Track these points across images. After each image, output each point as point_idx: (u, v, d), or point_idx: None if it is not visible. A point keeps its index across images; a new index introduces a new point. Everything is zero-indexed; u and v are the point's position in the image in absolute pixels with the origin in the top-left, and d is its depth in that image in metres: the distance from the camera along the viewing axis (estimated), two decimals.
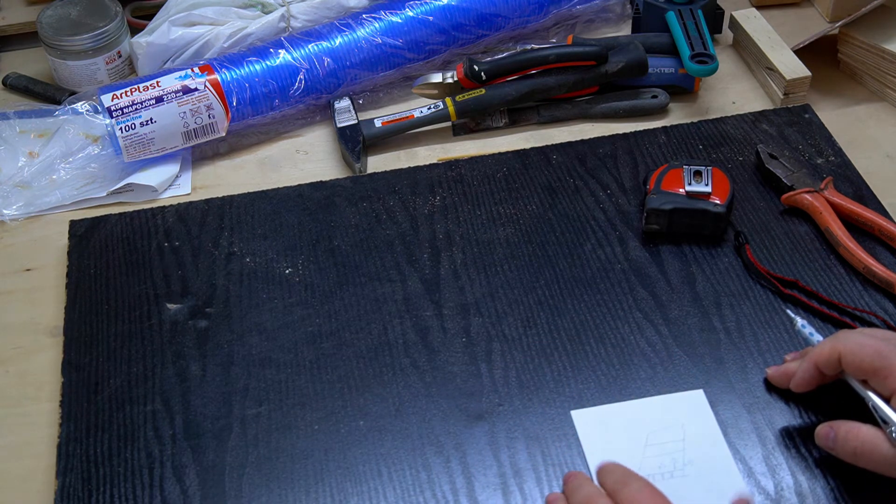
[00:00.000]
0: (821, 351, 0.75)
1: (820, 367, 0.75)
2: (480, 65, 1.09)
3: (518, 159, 1.03)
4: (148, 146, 1.03)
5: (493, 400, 0.82)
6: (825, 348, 0.74)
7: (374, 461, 0.78)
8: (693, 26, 1.10)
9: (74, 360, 0.86)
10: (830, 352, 0.74)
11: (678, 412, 0.79)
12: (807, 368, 0.75)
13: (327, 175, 1.04)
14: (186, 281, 0.92)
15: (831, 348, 0.74)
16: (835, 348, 0.74)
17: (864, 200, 0.96)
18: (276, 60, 1.07)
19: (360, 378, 0.84)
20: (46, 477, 0.80)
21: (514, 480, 0.76)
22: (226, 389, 0.83)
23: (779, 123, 1.05)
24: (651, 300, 0.88)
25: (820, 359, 0.75)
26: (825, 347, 0.74)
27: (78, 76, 1.15)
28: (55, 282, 0.95)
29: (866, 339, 0.73)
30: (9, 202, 1.02)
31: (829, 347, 0.74)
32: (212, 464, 0.78)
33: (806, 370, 0.76)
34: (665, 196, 0.93)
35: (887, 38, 1.09)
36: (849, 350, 0.73)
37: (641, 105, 1.09)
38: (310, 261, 0.94)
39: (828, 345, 0.74)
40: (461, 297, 0.90)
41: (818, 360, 0.75)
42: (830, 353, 0.74)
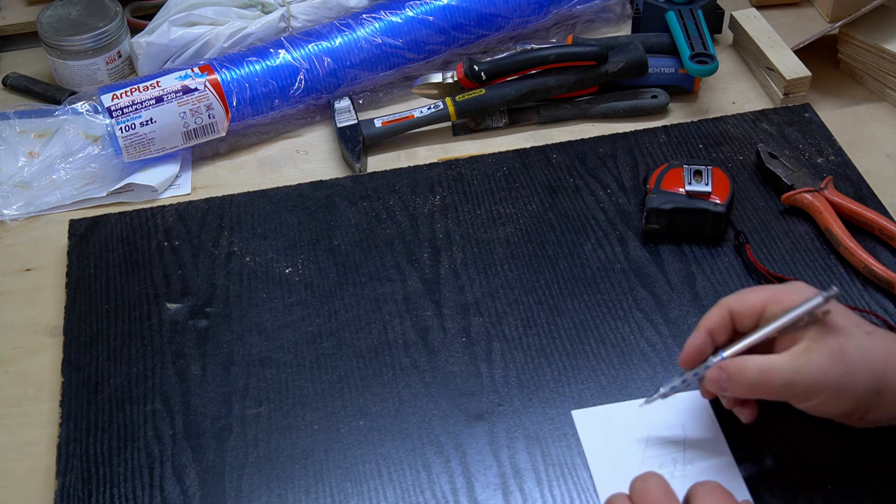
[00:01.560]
0: (708, 315, 0.74)
1: (711, 331, 0.74)
2: (480, 65, 1.09)
3: (518, 159, 1.03)
4: (148, 146, 1.03)
5: (493, 400, 0.82)
6: (713, 312, 0.74)
7: (374, 461, 0.78)
8: (693, 26, 1.10)
9: (74, 360, 0.86)
10: (719, 310, 0.74)
11: (678, 412, 0.79)
12: (697, 336, 0.74)
13: (327, 175, 1.04)
14: (186, 281, 0.92)
15: (718, 308, 0.74)
16: (721, 305, 0.74)
17: (865, 200, 0.96)
18: (276, 60, 1.07)
19: (360, 378, 0.84)
20: (46, 477, 0.80)
21: (514, 480, 0.76)
22: (226, 389, 0.83)
23: (779, 123, 1.05)
24: (651, 300, 0.88)
25: (710, 322, 0.74)
26: (711, 312, 0.75)
27: (78, 76, 1.15)
28: (55, 282, 0.95)
29: (744, 289, 0.75)
30: (9, 202, 1.02)
31: (715, 309, 0.74)
32: (212, 464, 0.78)
33: (696, 338, 0.74)
34: (665, 196, 0.93)
35: (887, 38, 1.09)
36: (734, 300, 0.74)
37: (641, 105, 1.09)
38: (310, 260, 0.94)
39: (714, 308, 0.75)
40: (461, 296, 0.90)
41: (709, 325, 0.74)
42: (719, 311, 0.74)
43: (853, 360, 0.69)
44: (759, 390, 0.72)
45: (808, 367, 0.70)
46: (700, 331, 0.75)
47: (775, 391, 0.71)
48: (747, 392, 0.72)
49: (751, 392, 0.72)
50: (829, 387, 0.70)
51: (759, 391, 0.72)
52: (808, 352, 0.70)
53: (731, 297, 0.75)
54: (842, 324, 0.71)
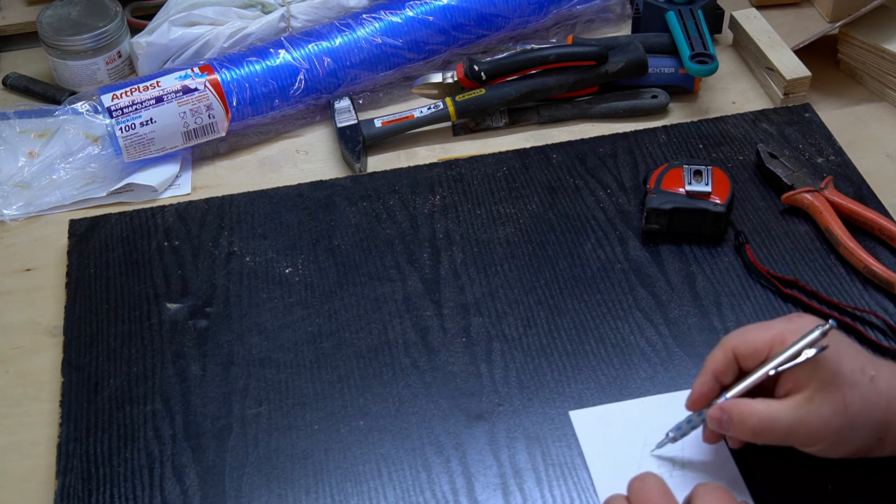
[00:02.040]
0: (713, 357, 0.73)
1: (717, 374, 0.73)
2: (480, 65, 1.09)
3: (518, 159, 1.03)
4: (148, 146, 1.03)
5: (493, 400, 0.82)
6: (717, 353, 0.73)
7: (374, 461, 0.78)
8: (693, 26, 1.10)
9: (74, 360, 0.86)
10: (723, 353, 0.73)
11: (676, 411, 0.79)
12: (703, 381, 0.73)
13: (327, 175, 1.04)
14: (186, 281, 0.92)
15: (722, 349, 0.73)
16: (725, 346, 0.73)
17: (865, 200, 0.96)
18: (276, 60, 1.07)
19: (360, 378, 0.84)
20: (46, 477, 0.80)
21: (514, 480, 0.76)
22: (226, 389, 0.83)
23: (779, 123, 1.05)
24: (651, 300, 0.88)
25: (715, 364, 0.73)
26: (716, 353, 0.73)
27: (78, 76, 1.15)
28: (55, 282, 0.95)
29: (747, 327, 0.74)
30: (9, 202, 1.02)
31: (719, 350, 0.73)
32: (212, 464, 0.78)
33: (703, 382, 0.73)
34: (665, 196, 0.93)
35: (887, 38, 1.09)
36: (738, 340, 0.72)
37: (641, 105, 1.09)
38: (310, 260, 0.94)
39: (717, 349, 0.73)
40: (461, 296, 0.90)
41: (714, 367, 0.73)
42: (724, 353, 0.73)
43: (855, 411, 0.69)
44: (760, 437, 0.71)
45: (810, 416, 0.69)
46: (706, 374, 0.73)
47: (778, 438, 0.70)
48: (748, 436, 0.72)
49: (753, 437, 0.71)
50: (830, 437, 0.69)
51: (760, 438, 0.71)
52: (811, 402, 0.69)
53: (734, 336, 0.73)
54: (846, 370, 0.69)
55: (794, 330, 0.71)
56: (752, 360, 0.72)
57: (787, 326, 0.72)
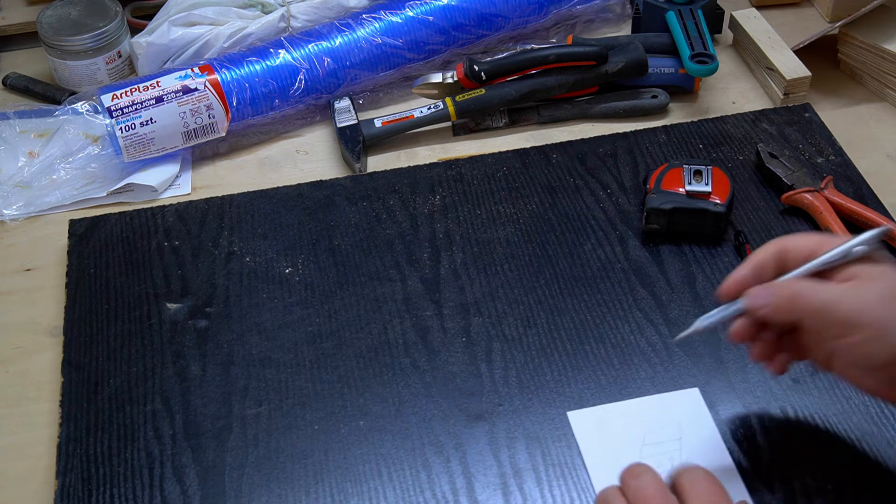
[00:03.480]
0: (763, 249, 0.72)
1: (759, 263, 0.72)
2: (480, 65, 1.09)
3: (518, 159, 1.03)
4: (148, 146, 1.03)
5: (493, 400, 0.82)
6: (768, 247, 0.72)
7: (374, 461, 0.78)
8: (693, 26, 1.10)
9: (74, 360, 0.86)
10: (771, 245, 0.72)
11: (674, 411, 0.79)
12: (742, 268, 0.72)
13: (327, 175, 1.04)
14: (186, 281, 0.92)
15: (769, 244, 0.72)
16: (775, 241, 0.72)
17: (865, 200, 0.96)
18: (276, 60, 1.07)
19: (360, 378, 0.84)
20: (46, 477, 0.80)
21: (514, 480, 0.76)
22: (226, 389, 0.83)
23: (779, 123, 1.05)
24: (651, 300, 0.88)
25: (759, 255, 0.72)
26: (767, 246, 0.72)
27: (78, 76, 1.15)
28: (55, 282, 0.95)
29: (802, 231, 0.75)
30: (9, 202, 1.02)
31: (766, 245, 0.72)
32: (212, 464, 0.78)
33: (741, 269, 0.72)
34: (665, 195, 0.93)
35: (887, 38, 1.09)
36: (789, 238, 0.72)
37: (641, 105, 1.09)
38: (310, 260, 0.94)
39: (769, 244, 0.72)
40: (461, 296, 0.90)
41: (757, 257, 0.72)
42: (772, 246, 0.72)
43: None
44: (795, 305, 0.69)
45: (852, 297, 0.67)
46: (747, 263, 0.72)
47: (812, 311, 0.68)
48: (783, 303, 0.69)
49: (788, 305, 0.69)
50: (870, 325, 0.66)
51: (795, 306, 0.69)
52: (857, 286, 0.68)
53: (784, 236, 0.73)
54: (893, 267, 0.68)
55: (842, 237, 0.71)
56: (798, 255, 0.71)
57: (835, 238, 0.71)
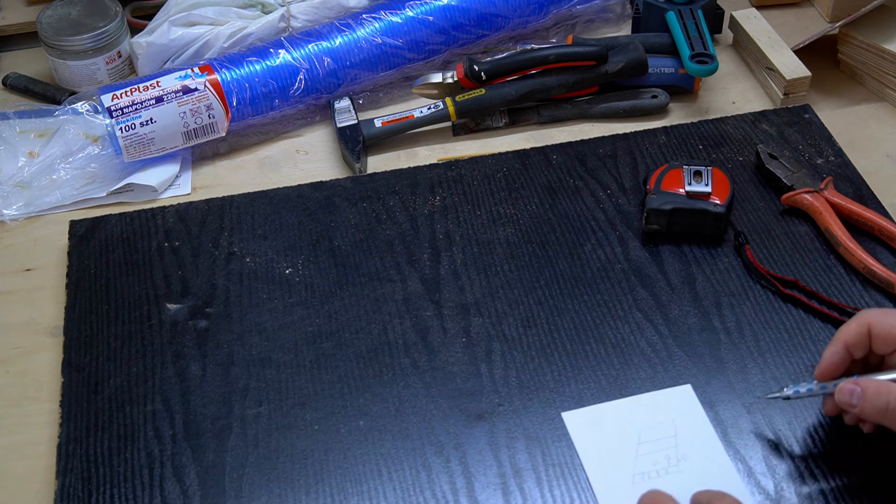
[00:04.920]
0: (847, 329, 0.73)
1: (849, 345, 0.72)
2: (480, 65, 1.09)
3: (518, 159, 1.03)
4: (148, 146, 1.03)
5: (493, 400, 0.82)
6: (851, 325, 0.73)
7: (374, 461, 0.78)
8: (693, 26, 1.10)
9: (74, 360, 0.86)
10: (858, 325, 0.72)
11: (668, 408, 0.80)
12: (835, 350, 0.73)
13: (327, 175, 1.04)
14: (186, 281, 0.92)
15: (858, 323, 0.72)
16: (861, 320, 0.72)
17: (864, 200, 0.96)
18: (276, 60, 1.07)
19: (360, 378, 0.84)
20: (46, 477, 0.80)
21: (514, 480, 0.76)
22: (226, 389, 0.83)
23: (779, 123, 1.05)
24: (651, 300, 0.88)
25: (848, 336, 0.72)
26: (851, 324, 0.73)
27: (78, 76, 1.15)
28: (55, 282, 0.95)
29: (891, 310, 0.73)
30: (9, 202, 1.02)
31: (855, 323, 0.73)
32: (212, 464, 0.78)
33: (834, 352, 0.73)
34: (665, 196, 0.93)
35: (887, 38, 1.09)
36: (877, 319, 0.72)
37: (641, 105, 1.09)
38: (310, 261, 0.94)
39: (853, 321, 0.73)
40: (461, 297, 0.90)
41: (847, 339, 0.72)
42: (858, 326, 0.72)
43: None
44: (890, 415, 0.69)
45: None
46: (837, 343, 0.73)
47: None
48: (877, 415, 0.70)
49: (881, 417, 0.70)
50: None
51: (889, 416, 0.69)
52: None
53: (873, 313, 0.73)
54: None
55: None
56: (884, 344, 0.71)
57: None
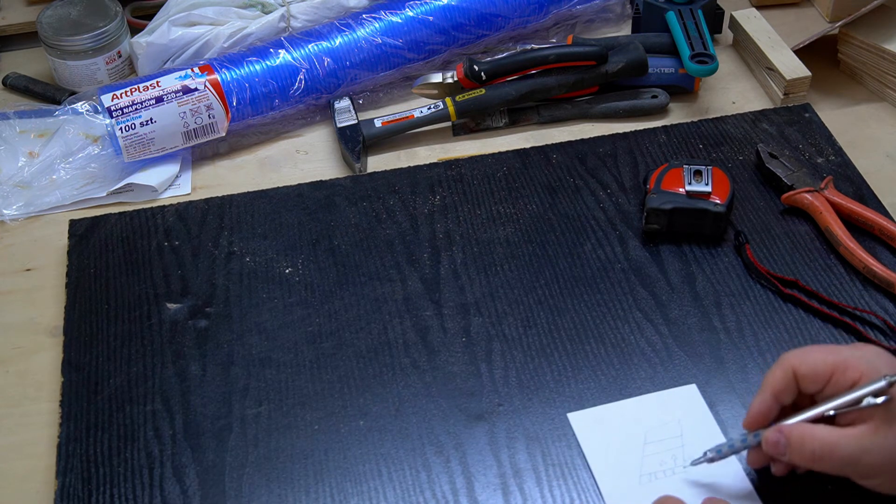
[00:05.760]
0: (773, 376, 0.71)
1: (777, 393, 0.71)
2: (480, 65, 1.09)
3: (518, 159, 1.03)
4: (148, 146, 1.03)
5: (493, 400, 0.82)
6: (776, 371, 0.71)
7: (374, 461, 0.78)
8: (693, 26, 1.10)
9: (74, 360, 0.86)
10: (782, 371, 0.71)
11: (673, 408, 0.80)
12: (762, 399, 0.71)
13: (327, 175, 1.04)
14: (186, 281, 0.92)
15: (781, 368, 0.71)
16: (785, 364, 0.71)
17: (865, 200, 0.96)
18: (276, 60, 1.07)
19: (360, 378, 0.84)
20: (46, 477, 0.80)
21: (514, 480, 0.76)
22: (226, 389, 0.83)
23: (779, 123, 1.05)
24: (651, 300, 0.88)
25: (774, 383, 0.71)
26: (776, 371, 0.71)
27: (78, 76, 1.15)
28: (55, 282, 0.95)
29: (810, 347, 0.72)
30: (9, 202, 1.02)
31: (779, 369, 0.71)
32: (212, 464, 0.78)
33: (761, 401, 0.71)
34: (665, 196, 0.93)
35: (887, 38, 1.09)
36: (800, 360, 0.70)
37: (641, 105, 1.09)
38: (310, 260, 0.94)
39: (776, 367, 0.71)
40: (461, 296, 0.90)
41: (773, 386, 0.71)
42: (782, 372, 0.71)
43: None
44: (819, 463, 0.68)
45: (874, 449, 0.67)
46: (765, 392, 0.71)
47: (836, 467, 0.68)
48: (807, 462, 0.69)
49: (810, 463, 0.69)
50: (892, 470, 0.67)
51: (819, 464, 0.69)
52: (876, 433, 0.67)
53: (795, 354, 0.71)
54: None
55: (858, 358, 0.69)
56: (811, 383, 0.70)
57: (851, 353, 0.70)
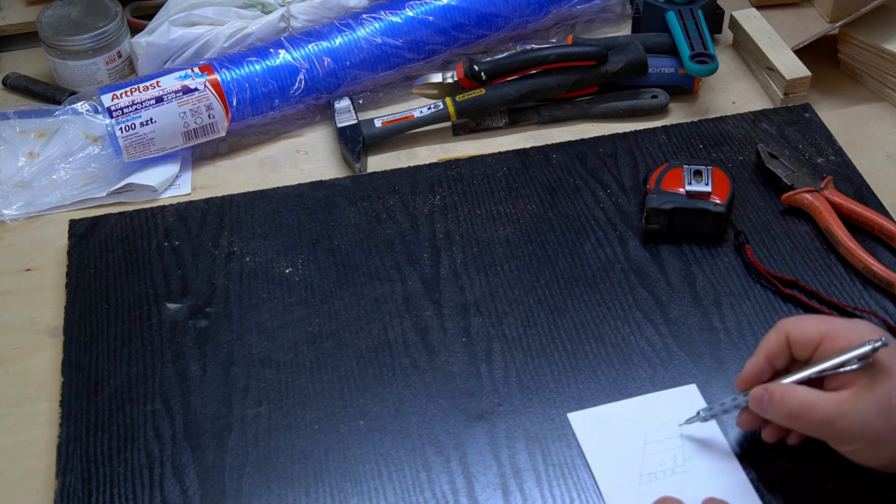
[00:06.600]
0: (767, 339, 0.74)
1: (770, 356, 0.73)
2: (480, 65, 1.09)
3: (518, 159, 1.03)
4: (148, 146, 1.03)
5: (493, 400, 0.82)
6: (771, 336, 0.74)
7: (374, 461, 0.78)
8: (693, 26, 1.10)
9: (74, 360, 0.86)
10: (776, 335, 0.73)
11: (673, 408, 0.80)
12: (755, 361, 0.74)
13: (327, 175, 1.04)
14: (186, 281, 0.92)
15: (776, 332, 0.73)
16: (780, 329, 0.73)
17: (865, 200, 0.96)
18: (276, 60, 1.07)
19: (360, 378, 0.84)
20: (46, 477, 0.80)
21: (514, 480, 0.76)
22: (226, 389, 0.83)
23: (779, 123, 1.05)
24: (651, 300, 0.88)
25: (768, 346, 0.73)
26: (770, 335, 0.74)
27: (78, 76, 1.15)
28: (55, 282, 0.95)
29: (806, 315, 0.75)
30: (9, 202, 1.02)
31: (773, 333, 0.74)
32: (212, 464, 0.78)
33: (754, 363, 0.74)
34: (665, 195, 0.93)
35: (887, 38, 1.09)
36: (793, 326, 0.73)
37: (641, 105, 1.09)
38: (310, 260, 0.94)
39: (771, 332, 0.74)
40: (461, 296, 0.90)
41: (767, 349, 0.74)
42: (777, 336, 0.73)
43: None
44: (796, 421, 0.71)
45: (851, 413, 0.68)
46: (758, 355, 0.74)
47: (813, 427, 0.70)
48: (785, 419, 0.71)
49: (788, 421, 0.71)
50: (869, 437, 0.69)
51: (796, 422, 0.71)
52: (856, 398, 0.68)
53: (789, 321, 0.74)
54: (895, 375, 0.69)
55: (849, 328, 0.71)
56: (802, 349, 0.72)
57: (843, 324, 0.72)
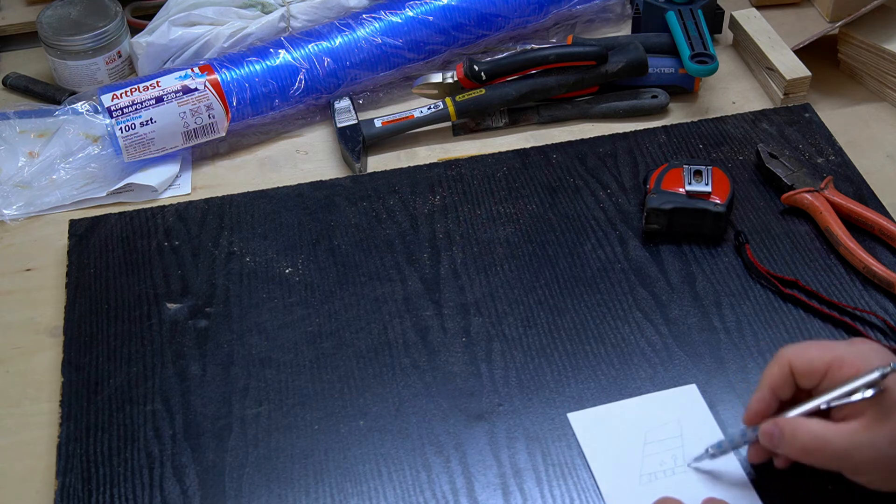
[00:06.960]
0: (770, 372, 0.72)
1: (775, 388, 0.72)
2: (480, 65, 1.09)
3: (518, 159, 1.03)
4: (148, 146, 1.03)
5: (493, 400, 0.82)
6: (773, 367, 0.72)
7: (374, 461, 0.78)
8: (693, 26, 1.10)
9: (74, 360, 0.86)
10: (779, 367, 0.72)
11: (673, 408, 0.80)
12: (760, 396, 0.72)
13: (327, 175, 1.04)
14: (186, 281, 0.92)
15: (778, 364, 0.72)
16: (782, 360, 0.72)
17: (865, 200, 0.96)
18: (276, 60, 1.07)
19: (360, 378, 0.84)
20: (46, 477, 0.80)
21: (514, 480, 0.76)
22: (226, 389, 0.83)
23: (779, 123, 1.05)
24: (651, 300, 0.88)
25: (772, 379, 0.72)
26: (773, 367, 0.72)
27: (78, 76, 1.15)
28: (55, 282, 0.95)
29: (807, 343, 0.72)
30: (9, 202, 1.02)
31: (776, 364, 0.72)
32: (212, 464, 0.78)
33: (760, 398, 0.72)
34: (665, 195, 0.93)
35: (887, 38, 1.09)
36: (796, 355, 0.71)
37: (641, 105, 1.09)
38: (310, 260, 0.94)
39: (773, 363, 0.72)
40: (461, 296, 0.90)
41: (771, 382, 0.72)
42: (779, 367, 0.72)
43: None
44: (811, 456, 0.69)
45: (865, 444, 0.67)
46: (763, 389, 0.72)
47: (827, 460, 0.69)
48: (798, 455, 0.70)
49: (801, 456, 0.70)
50: (883, 468, 0.68)
51: (810, 457, 0.69)
52: (868, 429, 0.67)
53: (791, 350, 0.72)
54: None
55: (854, 354, 0.70)
56: (807, 378, 0.71)
57: (847, 350, 0.70)
